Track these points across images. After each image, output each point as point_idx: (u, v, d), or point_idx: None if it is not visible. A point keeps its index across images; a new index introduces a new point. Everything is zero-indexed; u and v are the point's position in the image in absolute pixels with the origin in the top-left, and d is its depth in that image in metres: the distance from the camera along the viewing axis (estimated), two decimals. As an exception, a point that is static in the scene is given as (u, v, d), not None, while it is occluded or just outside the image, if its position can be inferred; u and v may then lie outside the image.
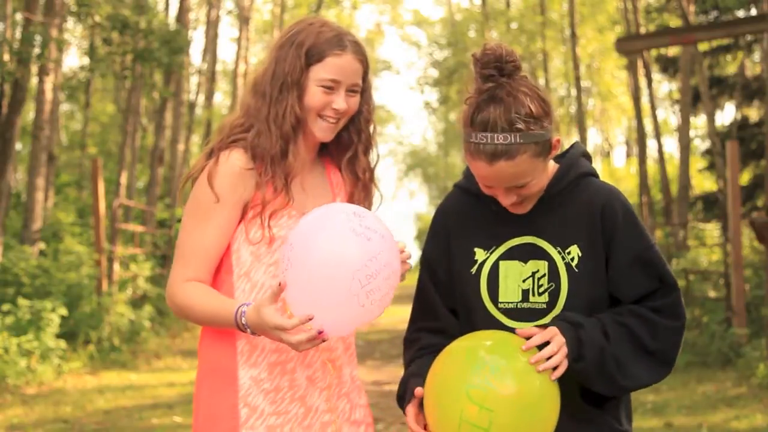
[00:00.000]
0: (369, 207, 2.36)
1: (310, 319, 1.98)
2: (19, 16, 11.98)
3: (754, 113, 17.67)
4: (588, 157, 2.21)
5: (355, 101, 2.27)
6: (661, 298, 2.08)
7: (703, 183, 22.51)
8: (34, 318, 9.02)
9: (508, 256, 2.12)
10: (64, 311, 9.38)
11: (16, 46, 10.36)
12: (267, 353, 2.20)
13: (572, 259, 2.08)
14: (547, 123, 2.00)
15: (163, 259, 16.11)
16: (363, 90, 2.30)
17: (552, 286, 2.08)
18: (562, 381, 1.99)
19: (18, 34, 11.19)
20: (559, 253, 2.09)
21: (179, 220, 19.72)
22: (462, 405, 1.94)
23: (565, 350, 1.95)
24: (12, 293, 9.66)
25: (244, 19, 25.18)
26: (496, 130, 1.95)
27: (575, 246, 2.09)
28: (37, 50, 10.38)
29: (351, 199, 2.33)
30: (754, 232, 9.26)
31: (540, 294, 2.09)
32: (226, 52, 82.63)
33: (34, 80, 12.73)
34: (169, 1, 21.88)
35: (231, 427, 2.18)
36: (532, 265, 2.10)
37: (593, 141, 37.00)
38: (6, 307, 9.03)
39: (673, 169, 21.66)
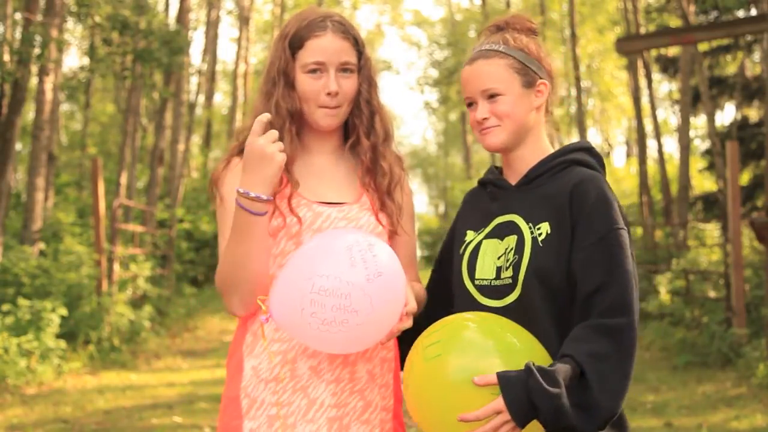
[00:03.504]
0: (384, 188, 2.25)
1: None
2: (19, 16, 11.97)
3: (754, 113, 17.69)
4: (593, 153, 2.20)
5: (351, 82, 2.20)
6: (609, 296, 1.98)
7: (703, 183, 22.54)
8: (34, 318, 9.01)
9: (491, 234, 2.18)
10: (64, 311, 9.37)
11: (16, 46, 10.36)
12: (269, 342, 2.17)
13: (540, 234, 2.09)
14: (537, 62, 2.16)
15: (163, 260, 16.10)
16: (360, 68, 2.23)
17: (516, 259, 2.09)
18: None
19: (18, 34, 11.18)
20: (530, 228, 2.11)
21: (180, 221, 19.63)
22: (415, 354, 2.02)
23: (510, 425, 1.87)
24: (12, 293, 9.65)
25: (244, 20, 25.19)
26: (486, 42, 2.18)
27: (546, 223, 2.09)
28: (37, 50, 10.37)
29: (363, 186, 2.25)
30: (754, 232, 9.27)
31: (507, 269, 2.10)
32: (226, 52, 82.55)
33: (34, 80, 12.72)
34: (169, 1, 21.88)
35: (236, 417, 2.19)
36: (507, 241, 2.13)
37: (593, 141, 37.02)
38: (6, 307, 9.02)
39: (673, 169, 21.68)
